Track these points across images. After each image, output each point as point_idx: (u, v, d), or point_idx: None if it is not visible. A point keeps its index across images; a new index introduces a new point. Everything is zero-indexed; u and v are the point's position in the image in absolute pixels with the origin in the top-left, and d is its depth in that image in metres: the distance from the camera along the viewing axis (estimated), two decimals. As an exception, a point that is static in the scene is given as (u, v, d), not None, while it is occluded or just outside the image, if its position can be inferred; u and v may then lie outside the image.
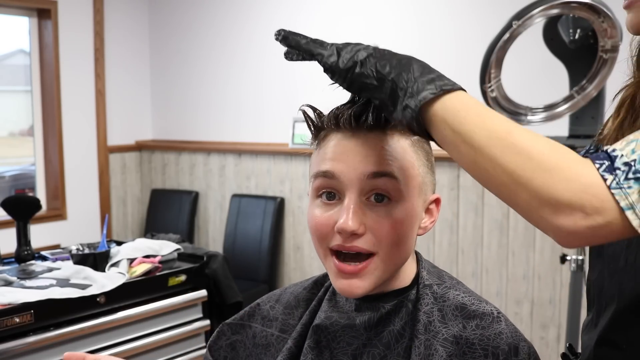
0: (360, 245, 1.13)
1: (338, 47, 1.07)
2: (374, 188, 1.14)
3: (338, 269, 1.15)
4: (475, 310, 1.20)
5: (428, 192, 1.23)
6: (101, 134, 5.82)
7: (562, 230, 0.91)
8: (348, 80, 1.05)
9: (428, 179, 1.22)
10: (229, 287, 3.62)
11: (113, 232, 6.04)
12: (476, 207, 4.33)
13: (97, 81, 5.77)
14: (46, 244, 4.97)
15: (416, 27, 4.54)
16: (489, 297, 4.29)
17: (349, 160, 1.14)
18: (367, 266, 1.14)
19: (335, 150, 1.16)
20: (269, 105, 5.38)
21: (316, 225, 1.17)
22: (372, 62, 1.04)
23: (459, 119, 0.97)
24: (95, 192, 5.85)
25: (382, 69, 1.03)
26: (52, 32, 5.38)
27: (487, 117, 0.97)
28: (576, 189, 0.89)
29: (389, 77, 1.02)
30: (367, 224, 1.13)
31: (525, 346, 1.16)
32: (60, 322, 2.68)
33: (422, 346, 1.16)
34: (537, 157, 0.92)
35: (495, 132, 0.95)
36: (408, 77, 1.01)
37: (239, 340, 1.41)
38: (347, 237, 1.13)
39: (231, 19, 5.56)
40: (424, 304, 1.21)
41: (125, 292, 2.88)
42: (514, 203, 0.96)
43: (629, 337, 1.13)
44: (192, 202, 5.84)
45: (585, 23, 2.64)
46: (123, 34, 6.01)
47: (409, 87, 1.00)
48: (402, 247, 1.17)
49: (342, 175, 1.14)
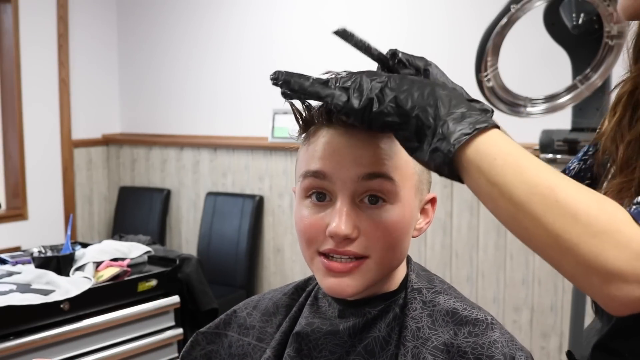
0: (353, 249, 1.13)
1: (343, 81, 1.02)
2: (368, 189, 1.13)
3: (327, 267, 1.15)
4: (468, 316, 1.19)
5: (424, 192, 1.23)
6: (65, 127, 5.80)
7: (614, 301, 0.91)
8: (367, 120, 1.01)
9: (424, 177, 1.22)
10: (204, 292, 3.62)
11: (78, 233, 6.02)
12: (471, 206, 4.34)
13: (61, 70, 5.74)
14: (5, 246, 4.96)
15: (406, 11, 4.55)
16: (486, 303, 4.30)
17: (342, 159, 1.14)
18: (359, 266, 1.14)
19: (326, 148, 1.16)
20: (247, 96, 5.36)
21: (305, 227, 1.17)
22: (390, 96, 0.99)
23: (496, 168, 0.95)
24: (58, 190, 5.82)
25: (403, 104, 0.99)
26: (11, 17, 5.34)
27: (526, 166, 0.94)
28: (628, 257, 0.87)
29: (412, 113, 0.98)
30: (361, 227, 1.13)
31: (523, 356, 1.14)
32: (20, 330, 2.67)
33: (409, 354, 1.16)
34: (583, 219, 0.89)
35: (536, 186, 0.92)
36: (435, 114, 0.98)
37: (214, 350, 1.41)
38: (339, 242, 1.13)
39: (206, 3, 5.54)
40: (412, 308, 1.20)
41: (91, 298, 2.87)
42: (557, 266, 0.94)
43: (631, 345, 1.15)
44: (163, 200, 5.82)
45: (590, 7, 2.65)
46: (89, 19, 5.98)
47: (437, 126, 0.97)
48: (396, 251, 1.17)
49: (334, 175, 1.14)
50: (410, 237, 1.21)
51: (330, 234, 1.12)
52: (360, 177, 1.12)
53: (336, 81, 1.03)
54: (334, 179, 1.14)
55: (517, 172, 0.93)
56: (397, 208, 1.15)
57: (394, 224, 1.14)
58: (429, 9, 4.47)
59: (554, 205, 0.90)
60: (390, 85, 1.00)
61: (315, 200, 1.17)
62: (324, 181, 1.15)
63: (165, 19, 5.83)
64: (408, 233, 1.19)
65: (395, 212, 1.15)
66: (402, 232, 1.17)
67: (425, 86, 1.01)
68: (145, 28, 6.03)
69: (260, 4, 5.18)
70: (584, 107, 2.88)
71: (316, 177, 1.15)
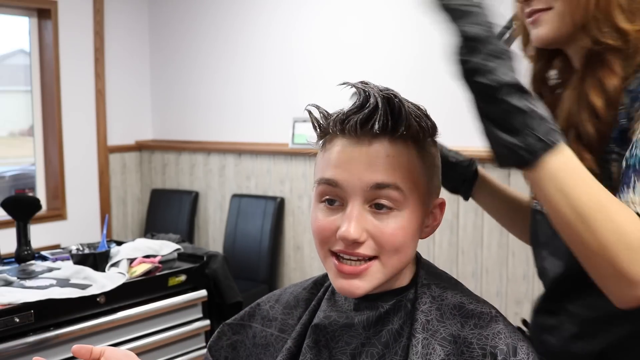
0: (362, 251, 1.15)
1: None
2: (377, 197, 1.15)
3: (338, 269, 1.17)
4: (474, 309, 1.20)
5: (432, 197, 1.24)
6: (101, 134, 5.82)
7: (628, 302, 1.05)
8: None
9: (433, 184, 1.23)
10: (229, 287, 3.62)
11: (113, 232, 6.04)
12: (476, 208, 4.32)
13: (97, 81, 5.76)
14: (46, 244, 4.97)
15: (416, 26, 4.54)
16: (489, 297, 4.29)
17: (353, 169, 1.15)
18: (368, 268, 1.16)
19: (339, 157, 1.17)
20: (269, 105, 5.37)
21: (318, 228, 1.19)
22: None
23: (568, 180, 1.04)
24: (95, 192, 5.85)
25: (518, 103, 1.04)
26: (52, 32, 5.37)
27: (591, 185, 1.05)
28: None
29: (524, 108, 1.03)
30: (369, 231, 1.15)
31: (525, 346, 1.15)
32: (60, 322, 2.68)
33: (419, 345, 1.16)
34: (628, 236, 1.01)
35: (599, 202, 1.03)
36: (535, 114, 1.04)
37: (240, 340, 1.42)
38: (348, 245, 1.14)
39: (231, 19, 5.55)
40: (422, 303, 1.21)
41: (125, 292, 2.88)
42: (592, 267, 1.07)
43: (562, 306, 1.36)
44: (192, 202, 5.83)
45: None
46: (123, 34, 6.01)
47: (535, 121, 1.03)
48: (403, 253, 1.18)
49: (345, 184, 1.15)
50: (417, 240, 1.22)
51: (340, 237, 1.14)
52: (369, 187, 1.14)
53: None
54: (346, 186, 1.15)
55: (586, 188, 1.03)
56: (404, 214, 1.16)
57: (400, 228, 1.15)
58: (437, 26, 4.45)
59: (609, 222, 1.01)
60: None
61: (328, 205, 1.18)
62: (336, 188, 1.16)
63: (194, 34, 5.85)
64: (415, 237, 1.20)
65: (402, 217, 1.16)
66: (409, 237, 1.18)
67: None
68: (175, 42, 6.04)
69: (281, 20, 5.19)
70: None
71: (329, 184, 1.17)
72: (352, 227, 1.13)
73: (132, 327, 2.93)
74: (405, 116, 1.15)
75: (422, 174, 1.18)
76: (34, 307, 2.57)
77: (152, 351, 2.99)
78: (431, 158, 1.22)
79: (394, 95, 1.15)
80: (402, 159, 1.15)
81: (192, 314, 3.19)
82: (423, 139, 1.20)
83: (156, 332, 3.02)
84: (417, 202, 1.18)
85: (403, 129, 1.15)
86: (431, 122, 1.22)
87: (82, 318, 2.75)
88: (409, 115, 1.16)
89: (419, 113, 1.19)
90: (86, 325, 2.74)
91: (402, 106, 1.15)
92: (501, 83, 1.03)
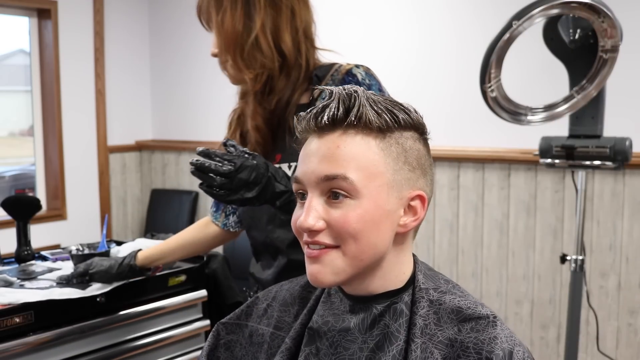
0: (322, 239, 1.19)
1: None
2: (331, 187, 1.18)
3: (307, 254, 1.22)
4: (471, 313, 1.20)
5: (403, 189, 1.22)
6: (101, 133, 5.83)
7: None
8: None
9: (403, 176, 1.21)
10: (229, 287, 3.61)
11: (113, 232, 6.05)
12: (476, 207, 4.34)
13: (97, 81, 5.77)
14: (46, 244, 4.97)
15: (417, 27, 4.54)
16: (489, 297, 4.29)
17: (309, 163, 1.20)
18: (326, 253, 1.19)
19: (302, 153, 1.24)
20: (269, 105, 5.36)
21: (292, 223, 1.24)
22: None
23: None
24: (95, 192, 5.85)
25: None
26: (52, 32, 5.38)
27: None
28: None
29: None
30: (328, 220, 1.18)
31: (520, 351, 1.15)
32: (60, 321, 2.68)
33: (418, 350, 1.17)
34: None
35: None
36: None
37: (234, 340, 1.44)
38: (308, 233, 1.19)
39: (231, 19, 5.54)
40: (420, 307, 1.22)
41: (125, 292, 2.87)
42: None
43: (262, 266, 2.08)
44: (192, 202, 5.84)
45: (585, 23, 2.65)
46: (123, 34, 6.02)
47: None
48: (363, 242, 1.19)
49: (304, 178, 1.21)
50: (387, 232, 1.21)
51: (298, 228, 1.20)
52: (320, 179, 1.18)
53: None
54: (305, 180, 1.21)
55: None
56: (360, 203, 1.17)
57: (355, 216, 1.17)
58: (437, 26, 4.47)
59: None
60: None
61: (300, 200, 1.24)
62: (300, 184, 1.22)
63: (194, 34, 5.84)
64: (377, 227, 1.19)
65: (358, 206, 1.18)
66: (367, 225, 1.18)
67: None
68: (175, 42, 6.05)
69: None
70: (580, 115, 2.88)
71: (296, 181, 1.23)
72: (304, 216, 1.18)
73: (132, 327, 2.93)
74: (358, 106, 1.18)
75: (383, 164, 1.19)
76: (34, 308, 2.57)
77: (152, 351, 2.99)
78: (403, 150, 1.21)
79: (355, 90, 1.19)
80: (354, 149, 1.18)
81: (191, 314, 3.19)
82: (387, 130, 1.20)
83: (156, 332, 3.01)
84: (379, 192, 1.18)
85: (353, 119, 1.17)
86: (406, 115, 1.22)
87: (82, 318, 2.75)
88: (362, 107, 1.18)
89: (386, 106, 1.20)
90: (86, 324, 2.74)
91: (356, 98, 1.18)
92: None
